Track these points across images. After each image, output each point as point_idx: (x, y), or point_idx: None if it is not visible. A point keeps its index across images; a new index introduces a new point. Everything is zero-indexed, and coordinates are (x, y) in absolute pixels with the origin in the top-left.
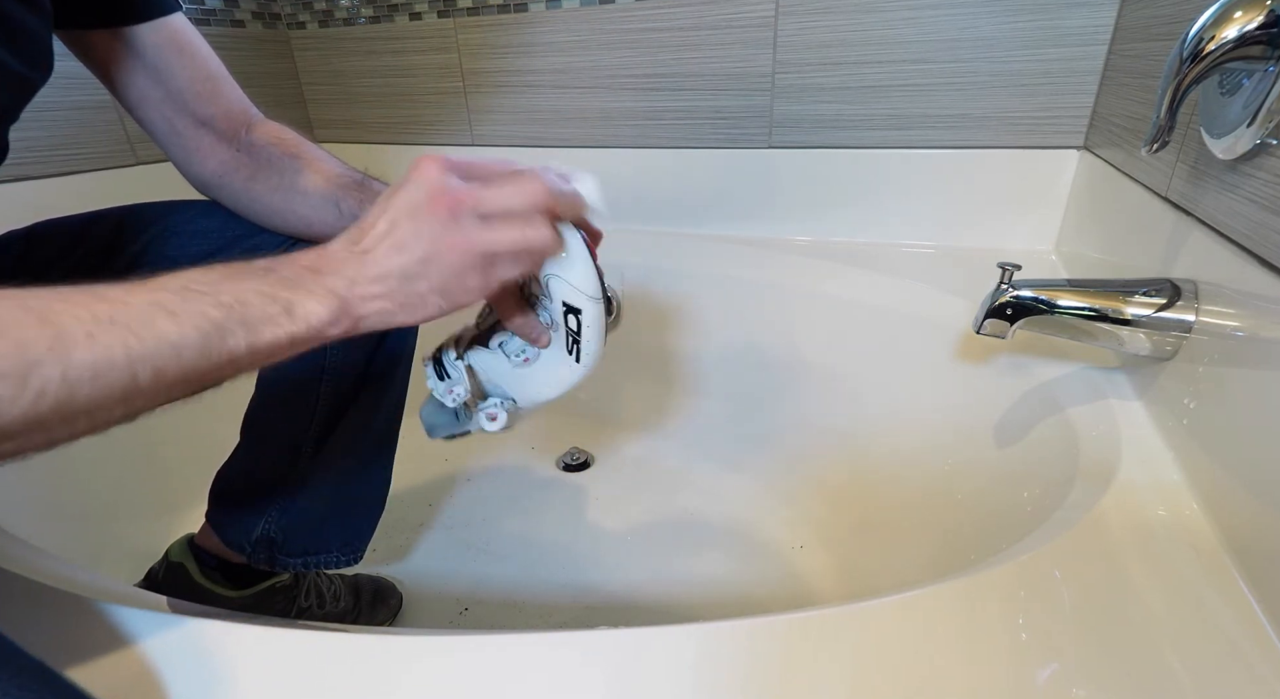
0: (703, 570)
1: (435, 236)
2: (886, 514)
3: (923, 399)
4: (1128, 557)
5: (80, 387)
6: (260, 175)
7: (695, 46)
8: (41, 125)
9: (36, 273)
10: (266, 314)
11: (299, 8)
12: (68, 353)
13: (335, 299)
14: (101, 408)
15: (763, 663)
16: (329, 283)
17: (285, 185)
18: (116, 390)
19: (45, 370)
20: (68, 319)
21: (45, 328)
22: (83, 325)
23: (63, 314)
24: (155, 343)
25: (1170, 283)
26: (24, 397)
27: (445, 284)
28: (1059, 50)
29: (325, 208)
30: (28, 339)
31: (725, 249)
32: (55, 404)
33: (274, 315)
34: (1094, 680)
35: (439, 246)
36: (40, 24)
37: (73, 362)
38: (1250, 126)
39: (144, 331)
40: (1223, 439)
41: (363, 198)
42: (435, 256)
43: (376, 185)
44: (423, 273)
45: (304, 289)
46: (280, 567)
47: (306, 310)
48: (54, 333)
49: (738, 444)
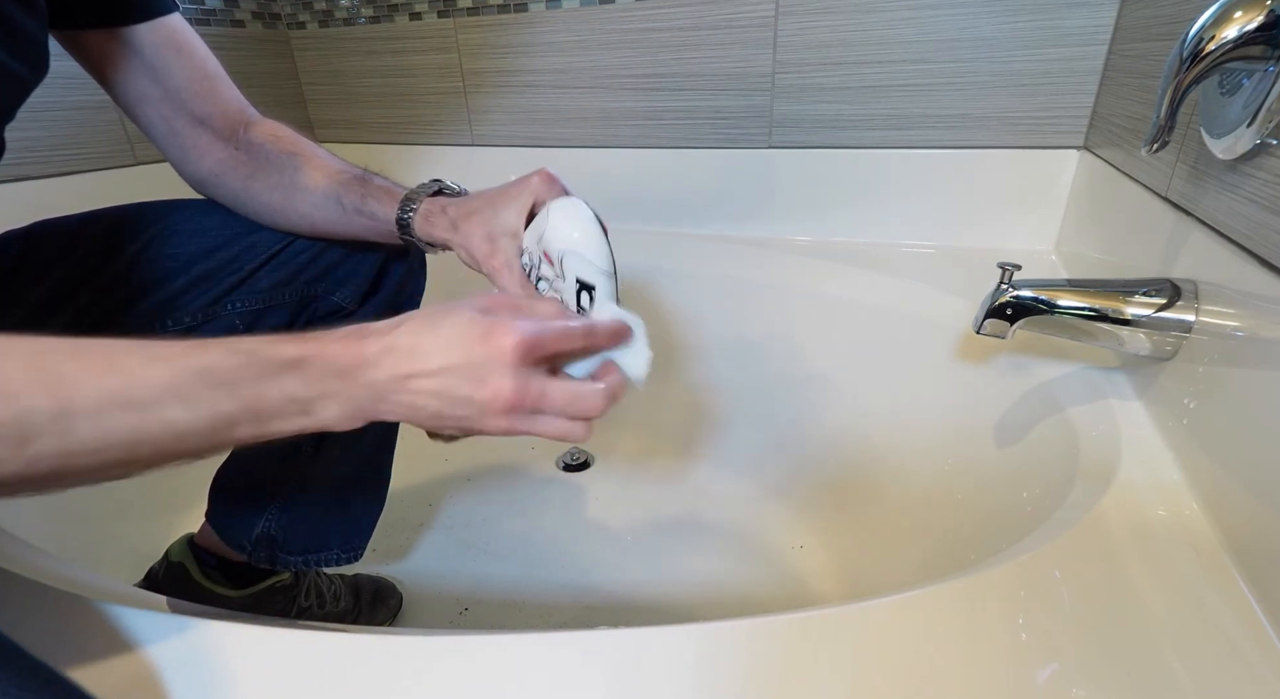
0: (703, 570)
1: (483, 414)
2: (886, 514)
3: (923, 399)
4: (1128, 557)
5: (78, 459)
6: (259, 173)
7: (695, 46)
8: (41, 125)
9: (36, 273)
10: (283, 413)
11: (299, 8)
12: (71, 427)
13: (355, 407)
14: (97, 472)
15: (763, 663)
16: (359, 394)
17: (285, 183)
18: (114, 462)
19: (46, 441)
20: (77, 391)
21: (52, 399)
22: (91, 400)
23: (74, 383)
24: (162, 428)
25: (1170, 283)
26: (18, 460)
27: (469, 431)
28: (1059, 50)
29: (327, 204)
30: (33, 408)
31: (725, 249)
32: (50, 470)
33: (290, 415)
34: (1094, 680)
35: (483, 421)
36: (36, 24)
37: (75, 436)
38: (1250, 126)
39: (152, 417)
40: (1223, 439)
41: (365, 193)
42: (475, 423)
43: (378, 180)
44: (455, 421)
45: (329, 397)
46: (280, 565)
47: (325, 414)
48: (60, 407)
49: (738, 444)
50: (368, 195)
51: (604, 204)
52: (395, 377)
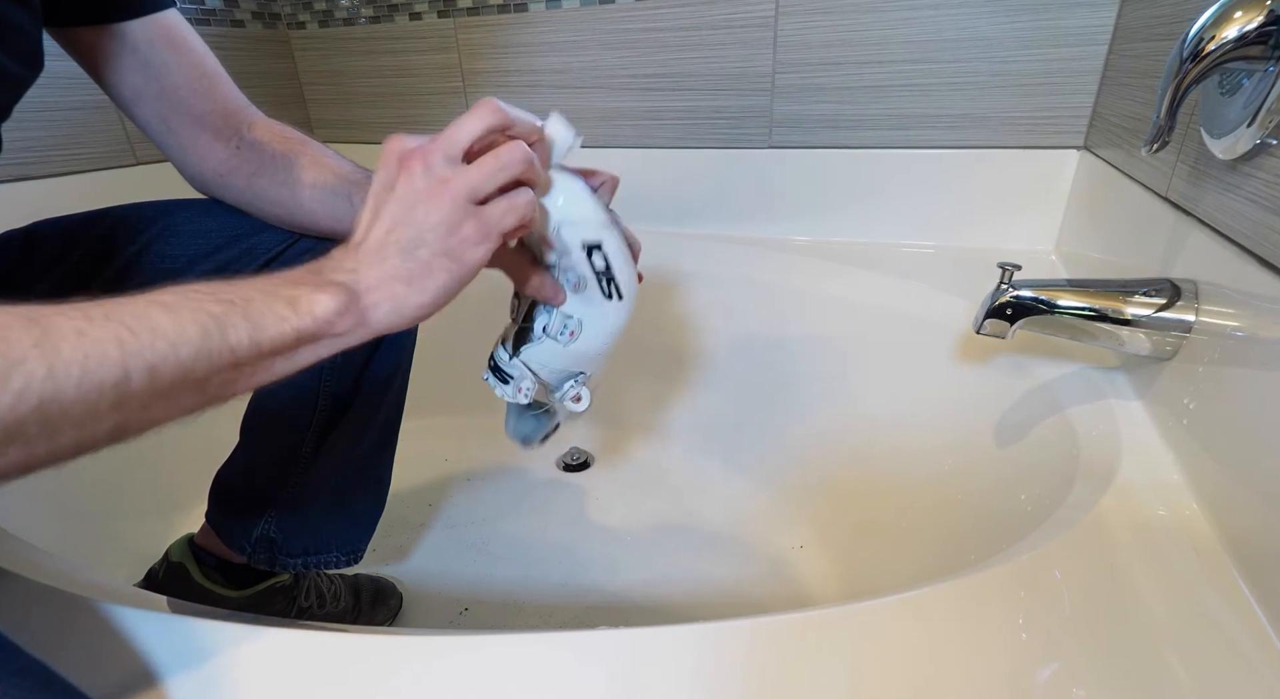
0: (703, 570)
1: (414, 194)
2: (886, 514)
3: (923, 399)
4: (1128, 557)
5: (67, 384)
6: (264, 171)
7: (695, 46)
8: (41, 125)
9: (35, 274)
10: (271, 309)
11: (299, 8)
12: (55, 348)
13: (340, 289)
14: (90, 415)
15: (763, 663)
16: (335, 277)
17: (291, 180)
18: (107, 391)
19: (29, 367)
20: (58, 318)
21: (32, 326)
22: (73, 322)
23: (53, 314)
24: (150, 337)
25: (1170, 283)
26: (3, 397)
27: (446, 244)
28: (1059, 50)
29: (335, 201)
30: (11, 337)
31: (725, 249)
32: (39, 405)
33: (278, 310)
34: (1094, 680)
35: (421, 202)
36: (30, 22)
37: (60, 356)
38: (1250, 126)
39: (138, 325)
40: (1223, 439)
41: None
42: (422, 214)
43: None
44: (418, 238)
45: (307, 285)
46: (280, 567)
47: (312, 301)
48: (41, 330)
49: (738, 444)
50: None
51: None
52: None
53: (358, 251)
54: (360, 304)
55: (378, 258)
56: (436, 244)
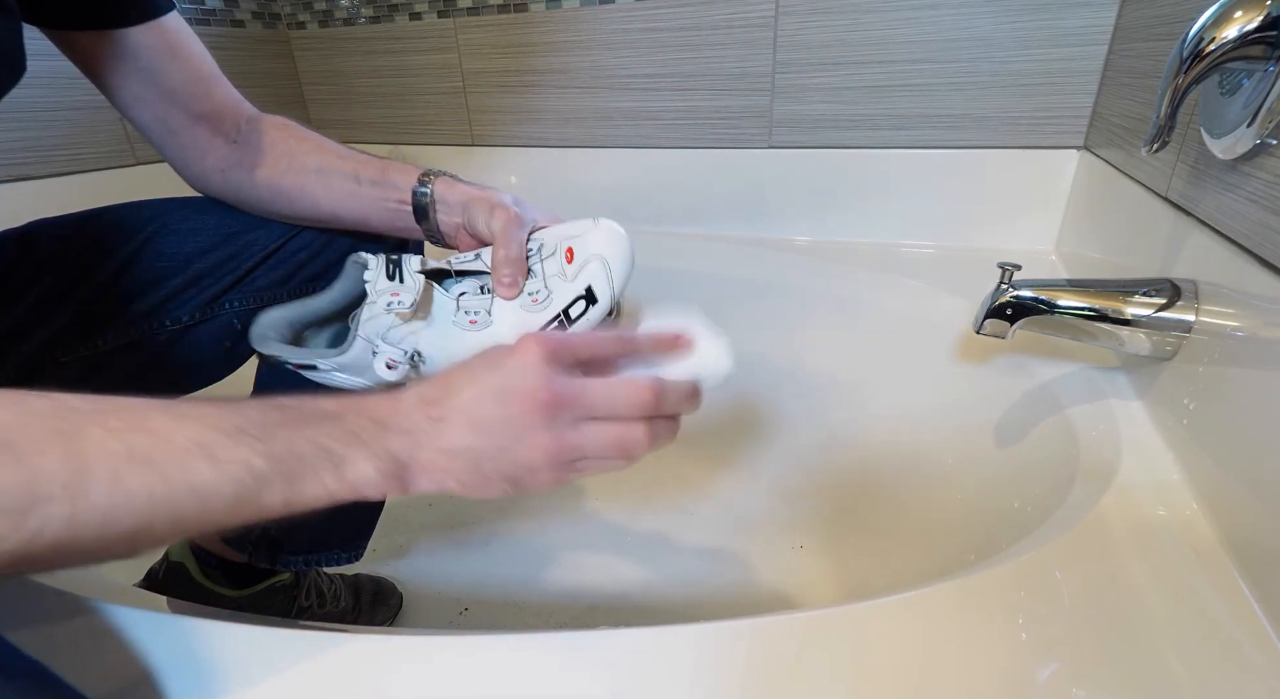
0: (702, 570)
1: (522, 431)
2: (886, 514)
3: (923, 399)
4: (1128, 557)
5: (86, 530)
6: (265, 161)
7: (695, 46)
8: (41, 125)
9: (32, 274)
10: (315, 470)
11: (299, 8)
12: (84, 492)
13: (391, 462)
14: (101, 549)
15: (763, 663)
16: (393, 444)
17: (296, 167)
18: (124, 536)
19: (52, 509)
20: (97, 451)
21: (68, 461)
22: (111, 461)
23: (94, 443)
24: (185, 491)
25: (1170, 283)
26: (17, 535)
27: (517, 476)
28: (1059, 50)
29: (342, 183)
30: (44, 471)
31: (725, 249)
32: (52, 544)
33: (322, 472)
34: (1094, 680)
35: (524, 443)
36: (5, 25)
37: (87, 503)
38: (1250, 126)
39: (176, 477)
40: (1223, 439)
41: (385, 168)
42: (516, 450)
43: (393, 161)
44: (496, 461)
45: (364, 447)
46: (281, 566)
47: (357, 471)
48: (75, 468)
49: (737, 444)
50: (389, 169)
51: (604, 204)
52: (425, 410)
53: (434, 429)
54: (403, 481)
55: (447, 450)
56: (509, 471)
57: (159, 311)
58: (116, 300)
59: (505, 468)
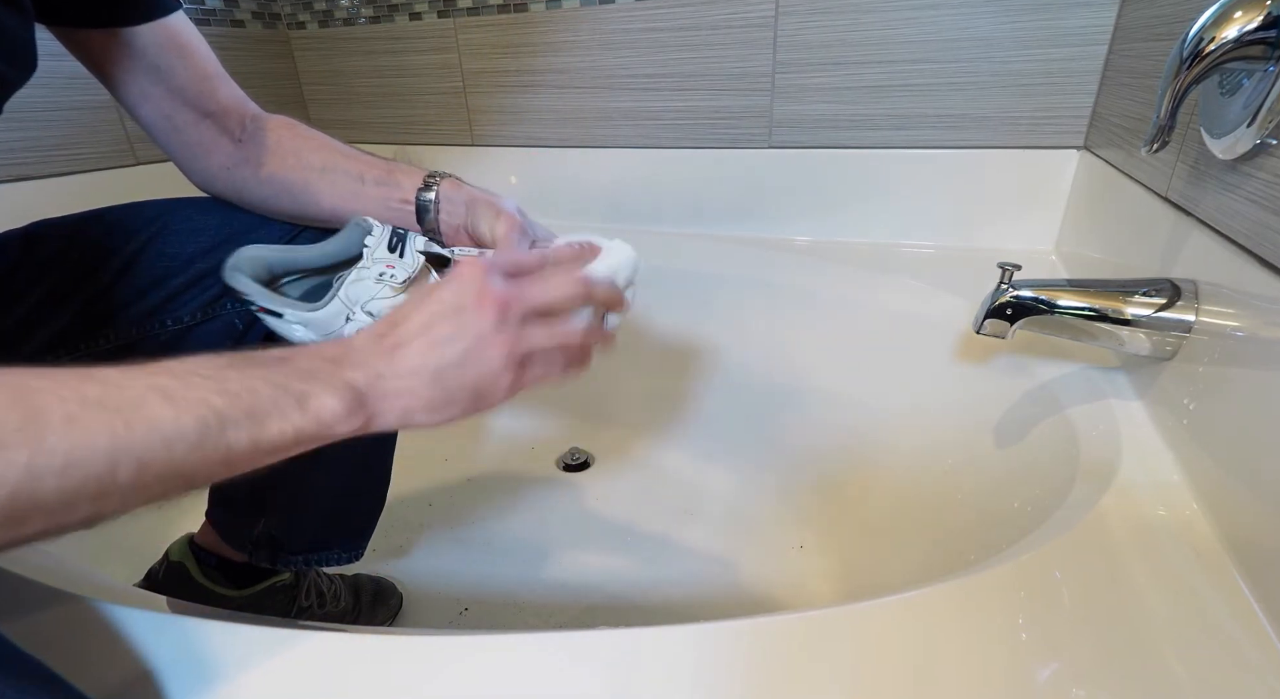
0: (702, 570)
1: (480, 336)
2: (886, 514)
3: (923, 399)
4: (1128, 557)
5: (46, 478)
6: (272, 159)
7: (695, 46)
8: (41, 125)
9: (34, 274)
10: (276, 405)
11: (299, 8)
12: (40, 436)
13: (352, 393)
14: (64, 507)
15: (763, 663)
16: (349, 375)
17: (301, 164)
18: (89, 485)
19: (8, 455)
20: (48, 398)
21: (18, 402)
22: (64, 406)
23: (43, 392)
24: (145, 431)
25: (1170, 283)
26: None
27: (479, 385)
28: (1059, 50)
29: (347, 180)
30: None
31: (725, 249)
32: (9, 497)
33: (284, 407)
34: (1094, 680)
35: (483, 346)
36: (19, 23)
37: (44, 446)
38: (1250, 126)
39: (134, 417)
40: (1223, 439)
41: (391, 168)
42: (477, 356)
43: (399, 162)
44: (458, 373)
45: (321, 381)
46: (282, 565)
47: (320, 404)
48: (26, 412)
49: (738, 444)
50: (394, 170)
51: (603, 205)
52: (385, 346)
53: (390, 356)
54: (367, 409)
55: (408, 372)
56: (471, 381)
57: (161, 311)
58: (118, 300)
59: (467, 376)
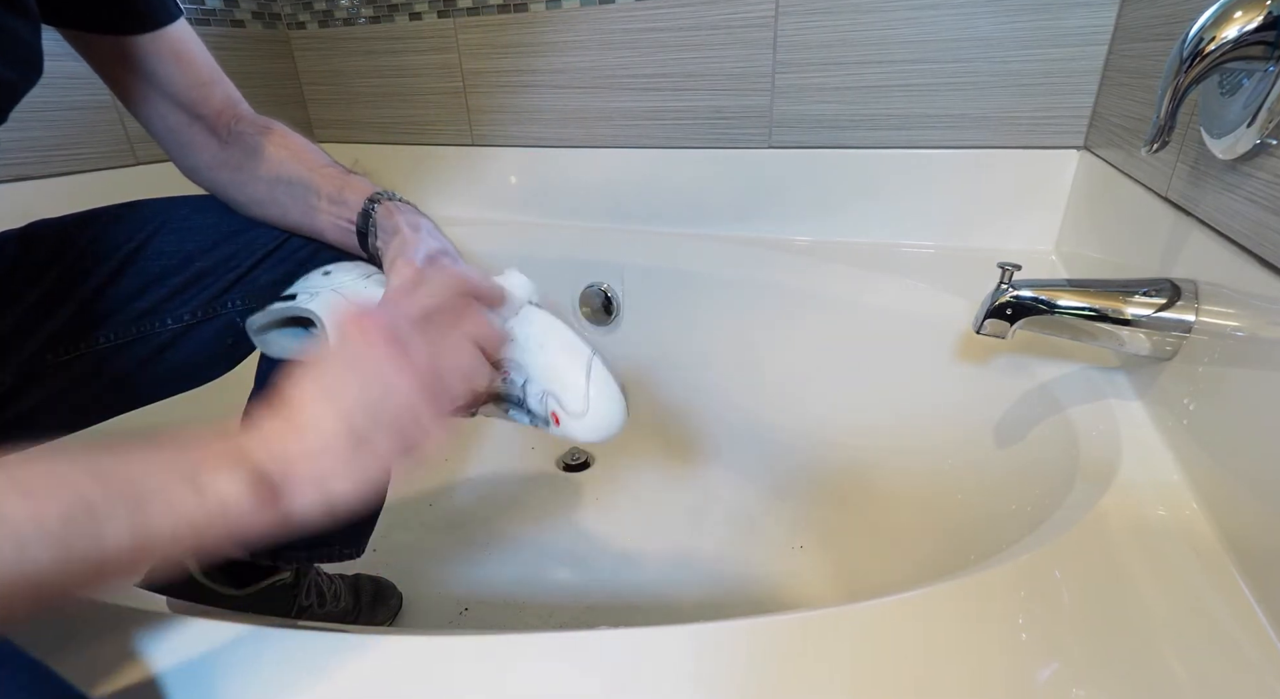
0: (702, 570)
1: (382, 377)
2: (886, 514)
3: (923, 399)
4: (1128, 557)
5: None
6: (247, 165)
7: (695, 46)
8: (41, 125)
9: (31, 274)
10: (164, 491)
11: (299, 8)
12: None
13: (258, 478)
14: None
15: (763, 663)
16: (254, 456)
17: (270, 175)
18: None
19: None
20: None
21: None
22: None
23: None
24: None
25: (1170, 283)
26: None
27: (402, 427)
28: (1059, 50)
29: (305, 195)
30: None
31: (725, 249)
32: None
33: (172, 492)
34: (1094, 680)
35: (390, 386)
36: (27, 28)
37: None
38: (1250, 126)
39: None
40: (1223, 439)
41: (344, 183)
42: (388, 399)
43: (357, 177)
44: (374, 422)
45: (222, 464)
46: (283, 561)
47: (219, 488)
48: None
49: (737, 444)
50: (346, 186)
51: (603, 204)
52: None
53: (290, 422)
54: (276, 488)
55: (313, 434)
56: (391, 427)
57: (160, 310)
58: (118, 299)
59: (387, 424)
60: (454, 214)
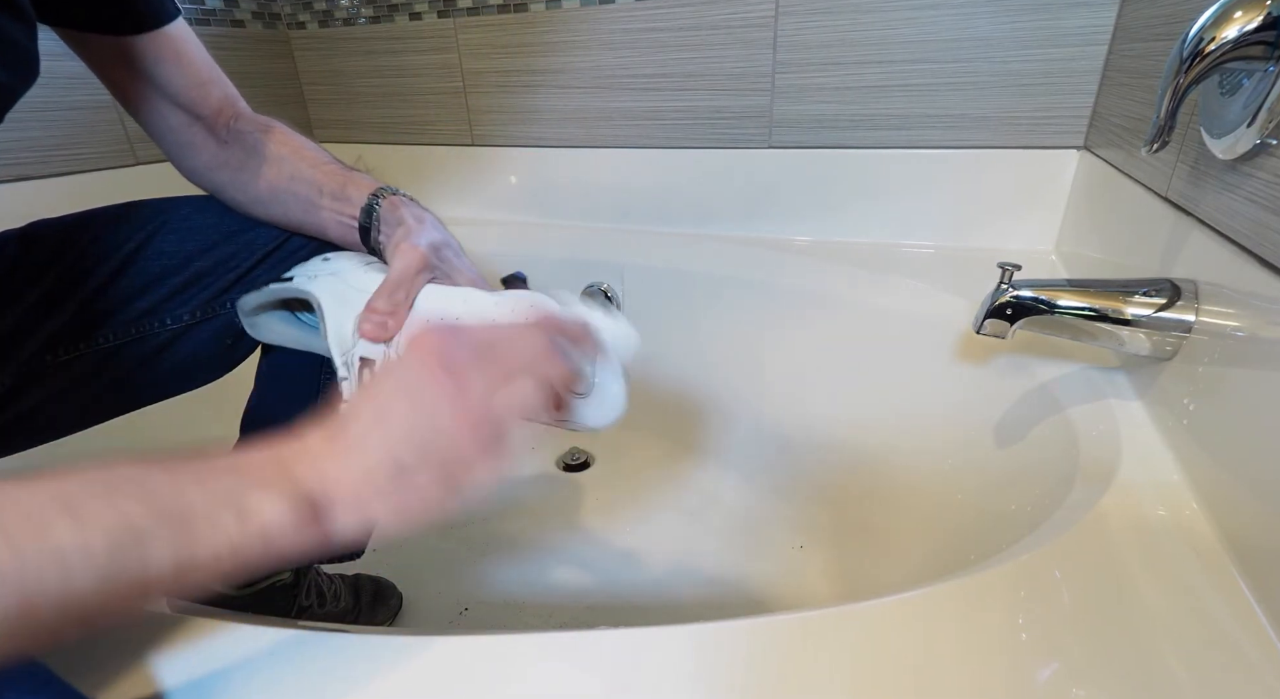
0: (702, 570)
1: (435, 412)
2: (886, 514)
3: (923, 399)
4: (1128, 557)
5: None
6: (248, 164)
7: (695, 46)
8: (41, 125)
9: (31, 274)
10: (210, 516)
11: (299, 8)
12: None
13: (299, 499)
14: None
15: (763, 663)
16: (301, 478)
17: (271, 174)
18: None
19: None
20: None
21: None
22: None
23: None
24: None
25: (1170, 283)
26: None
27: (449, 468)
28: (1059, 50)
29: (308, 192)
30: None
31: (725, 249)
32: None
33: (216, 515)
34: (1094, 680)
35: (441, 424)
36: (22, 31)
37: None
38: (1250, 126)
39: (26, 541)
40: (1223, 439)
41: (346, 180)
42: (437, 437)
43: (359, 174)
44: (422, 459)
45: (269, 485)
46: None
47: (263, 512)
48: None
49: (737, 444)
50: (349, 183)
51: (603, 205)
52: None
53: (344, 457)
54: (320, 519)
55: (364, 472)
56: (438, 467)
57: (160, 310)
58: (117, 299)
59: (433, 463)
60: (454, 214)
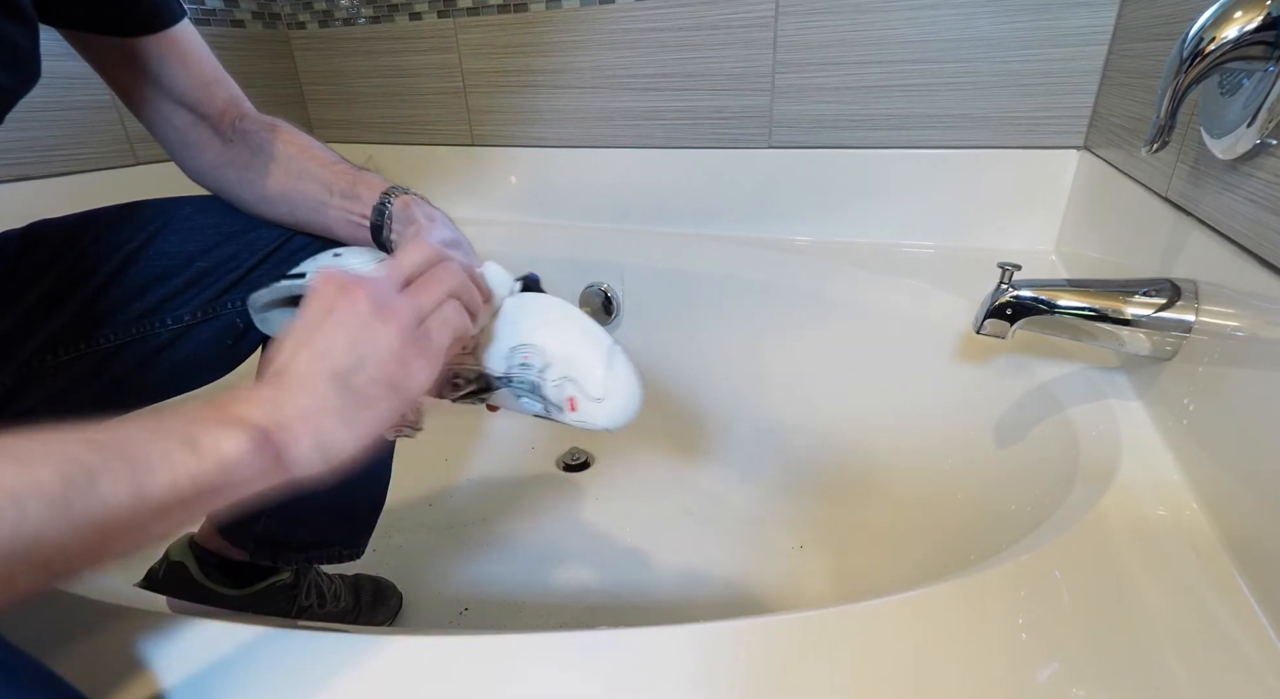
0: (702, 570)
1: (357, 319)
2: (886, 514)
3: (923, 399)
4: (1128, 556)
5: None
6: (255, 163)
7: (695, 46)
8: (41, 125)
9: (32, 274)
10: (162, 450)
11: (299, 8)
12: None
13: (253, 430)
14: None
15: (763, 663)
16: (239, 410)
17: (279, 171)
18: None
19: None
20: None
21: None
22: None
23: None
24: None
25: (1170, 283)
26: None
27: (390, 374)
28: (1059, 50)
29: (316, 191)
30: None
31: (725, 249)
32: None
33: (168, 450)
34: (1094, 680)
35: (372, 333)
36: (23, 34)
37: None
38: (1250, 126)
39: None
40: (1223, 439)
41: (356, 179)
42: (371, 345)
43: (370, 174)
44: (361, 369)
45: (209, 421)
46: (283, 562)
47: (217, 442)
48: None
49: (737, 444)
50: (358, 182)
51: (603, 204)
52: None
53: (279, 380)
54: (275, 443)
55: (302, 388)
56: (378, 372)
57: (161, 310)
58: (118, 299)
59: (373, 371)
60: (454, 214)
